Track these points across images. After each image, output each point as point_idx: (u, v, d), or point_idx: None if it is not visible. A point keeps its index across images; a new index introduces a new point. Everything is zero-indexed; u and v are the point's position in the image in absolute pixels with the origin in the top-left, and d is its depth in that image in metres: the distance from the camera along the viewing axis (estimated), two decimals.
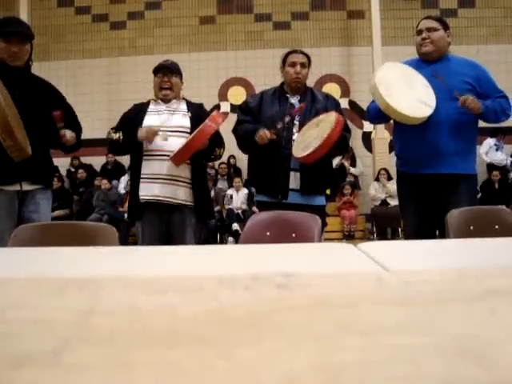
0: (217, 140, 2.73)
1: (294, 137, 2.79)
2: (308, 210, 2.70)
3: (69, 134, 2.54)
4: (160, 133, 2.67)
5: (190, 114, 2.76)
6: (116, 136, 2.72)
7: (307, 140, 2.69)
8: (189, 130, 2.69)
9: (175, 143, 2.63)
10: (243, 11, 9.54)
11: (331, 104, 2.91)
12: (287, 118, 2.81)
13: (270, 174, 2.79)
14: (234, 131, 2.94)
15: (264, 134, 2.71)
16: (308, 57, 2.94)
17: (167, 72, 2.79)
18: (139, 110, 2.80)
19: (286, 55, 2.94)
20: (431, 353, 0.36)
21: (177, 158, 2.61)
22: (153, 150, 2.68)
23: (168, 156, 2.63)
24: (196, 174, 2.73)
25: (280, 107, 2.85)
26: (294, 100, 2.88)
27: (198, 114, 2.77)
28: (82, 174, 8.85)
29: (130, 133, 2.69)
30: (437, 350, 0.36)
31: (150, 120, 2.73)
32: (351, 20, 9.53)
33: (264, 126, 2.79)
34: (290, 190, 2.79)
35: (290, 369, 0.33)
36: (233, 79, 9.44)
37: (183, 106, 2.81)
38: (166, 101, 2.79)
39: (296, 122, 2.83)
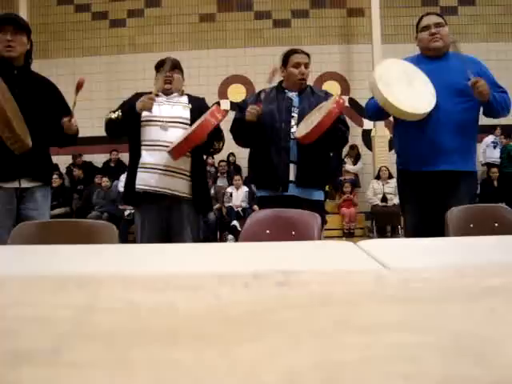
0: (216, 133, 2.73)
1: (293, 129, 2.80)
2: (306, 204, 2.71)
3: (74, 120, 2.52)
4: (159, 123, 2.67)
5: (190, 105, 2.77)
6: (115, 115, 2.71)
7: (309, 122, 2.71)
8: (188, 122, 2.69)
9: (174, 134, 2.63)
10: (243, 9, 9.53)
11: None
12: (290, 114, 2.83)
13: (270, 167, 2.81)
14: (231, 129, 2.94)
15: (250, 109, 2.73)
16: (309, 56, 2.95)
17: (168, 67, 2.80)
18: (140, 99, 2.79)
19: (288, 55, 2.93)
20: (430, 351, 0.36)
21: (175, 152, 2.61)
22: (151, 139, 2.69)
23: (167, 147, 2.64)
24: (196, 166, 2.74)
25: (278, 103, 2.86)
26: (292, 94, 2.90)
27: (199, 106, 2.77)
28: (77, 172, 8.84)
29: (128, 110, 2.68)
30: (436, 348, 0.36)
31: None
32: (351, 18, 9.53)
33: (263, 123, 2.81)
34: (290, 183, 2.81)
35: (289, 366, 0.33)
36: (233, 77, 9.44)
37: (184, 99, 2.82)
38: (166, 94, 2.80)
39: (294, 115, 2.84)
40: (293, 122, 2.82)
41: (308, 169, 2.79)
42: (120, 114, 2.70)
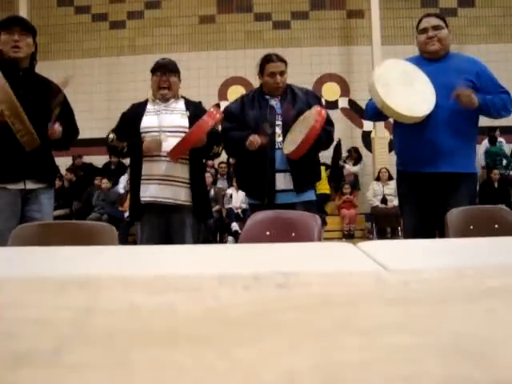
0: (215, 137, 2.73)
1: (279, 139, 2.79)
2: (299, 206, 2.71)
3: (56, 127, 2.51)
4: (159, 134, 2.68)
5: (188, 113, 2.76)
6: (119, 146, 2.73)
7: (295, 137, 2.72)
8: (187, 130, 2.69)
9: (174, 143, 2.63)
10: (243, 10, 9.54)
11: (312, 99, 2.91)
12: (275, 123, 2.81)
13: (256, 178, 2.78)
14: (223, 139, 2.88)
15: (254, 139, 2.72)
16: (284, 61, 2.89)
17: (165, 71, 2.79)
18: (137, 110, 2.80)
19: (263, 64, 2.89)
20: (430, 352, 0.36)
21: (174, 153, 2.62)
22: None
23: (166, 157, 2.64)
24: (194, 173, 2.74)
25: (261, 110, 2.84)
26: (275, 102, 2.87)
27: (196, 112, 2.77)
28: (68, 175, 8.82)
29: (133, 143, 2.70)
30: (436, 350, 0.36)
31: (148, 120, 2.74)
32: (351, 19, 9.53)
33: (249, 129, 2.79)
34: (277, 192, 2.78)
35: (289, 368, 0.33)
36: (232, 79, 9.45)
37: (181, 106, 2.80)
38: (164, 100, 2.79)
39: (279, 122, 2.82)
40: (278, 131, 2.81)
41: (301, 176, 2.79)
42: (125, 149, 2.72)
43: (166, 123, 2.71)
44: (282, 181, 2.79)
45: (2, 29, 2.51)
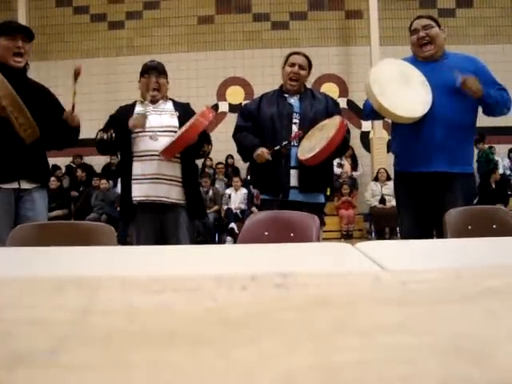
0: (205, 137, 2.75)
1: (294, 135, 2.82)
2: (307, 207, 2.72)
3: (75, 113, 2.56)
4: (149, 133, 2.69)
5: (177, 113, 2.78)
6: (107, 135, 2.72)
7: (312, 143, 2.73)
8: (177, 130, 2.71)
9: (164, 143, 2.64)
10: (241, 11, 9.55)
11: (331, 104, 2.95)
12: (291, 120, 2.85)
13: (271, 174, 2.81)
14: (234, 137, 2.99)
15: (262, 153, 2.78)
16: (309, 60, 2.97)
17: (155, 73, 2.80)
18: (126, 112, 2.80)
19: (288, 56, 3.01)
20: (428, 352, 0.36)
21: (167, 152, 2.62)
22: (142, 150, 2.69)
23: (157, 156, 2.65)
24: (186, 172, 2.74)
25: (278, 107, 2.88)
26: (294, 100, 2.91)
27: (185, 113, 2.79)
28: (80, 173, 8.85)
29: (120, 129, 2.69)
30: (434, 350, 0.36)
31: None
32: (349, 20, 9.54)
33: (264, 128, 2.84)
34: (291, 188, 2.81)
35: (287, 368, 0.33)
36: (231, 79, 9.45)
37: (170, 106, 2.83)
38: (153, 101, 2.80)
39: (296, 120, 2.85)
40: (295, 128, 2.84)
41: (309, 174, 2.80)
42: (113, 134, 2.69)
43: (155, 123, 2.72)
44: (295, 178, 2.81)
45: (2, 34, 2.51)
